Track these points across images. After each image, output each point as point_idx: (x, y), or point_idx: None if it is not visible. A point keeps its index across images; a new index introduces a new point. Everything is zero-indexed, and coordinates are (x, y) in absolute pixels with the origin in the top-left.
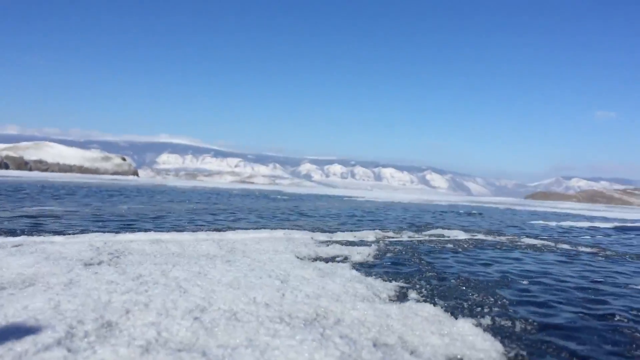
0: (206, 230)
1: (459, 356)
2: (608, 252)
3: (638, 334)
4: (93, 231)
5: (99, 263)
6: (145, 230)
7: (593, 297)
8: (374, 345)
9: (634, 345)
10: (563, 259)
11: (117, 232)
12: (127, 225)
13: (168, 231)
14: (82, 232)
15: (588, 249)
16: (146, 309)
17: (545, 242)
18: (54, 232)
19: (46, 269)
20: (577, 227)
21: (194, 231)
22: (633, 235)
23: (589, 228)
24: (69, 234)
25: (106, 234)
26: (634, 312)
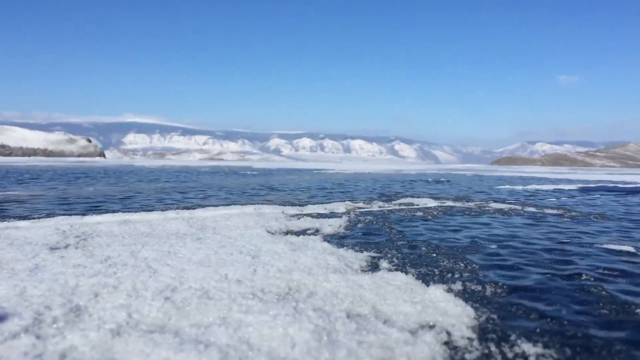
0: (175, 209)
1: (431, 323)
2: (573, 213)
3: (604, 292)
4: (59, 214)
5: (66, 246)
6: (113, 212)
7: (560, 257)
8: (348, 316)
9: (601, 304)
10: (530, 221)
11: (83, 215)
12: (94, 207)
13: (136, 211)
14: (48, 216)
15: (554, 211)
16: (115, 291)
17: (512, 206)
18: (18, 217)
19: (10, 254)
20: (542, 190)
21: (163, 210)
22: (597, 196)
23: (554, 190)
24: (34, 218)
25: (72, 216)
26: (600, 271)
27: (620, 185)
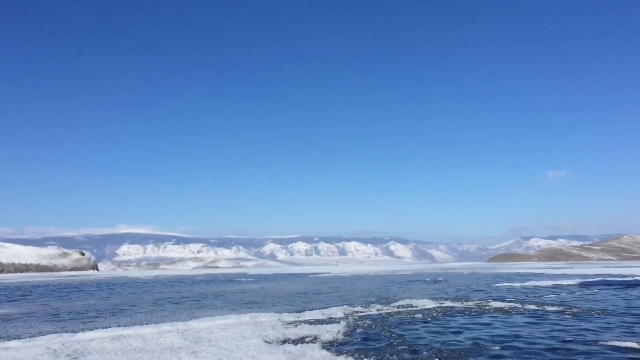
0: (170, 321)
1: None
2: (574, 310)
3: None
4: (50, 332)
5: None
6: (105, 327)
7: (565, 357)
8: None
9: None
10: (531, 320)
11: (75, 332)
12: (87, 323)
13: (130, 325)
14: (39, 334)
15: (554, 308)
16: None
17: (512, 304)
18: (8, 337)
19: None
20: (541, 287)
21: (157, 323)
22: (596, 290)
23: (553, 286)
24: (25, 337)
25: (64, 334)
26: None
27: (618, 279)
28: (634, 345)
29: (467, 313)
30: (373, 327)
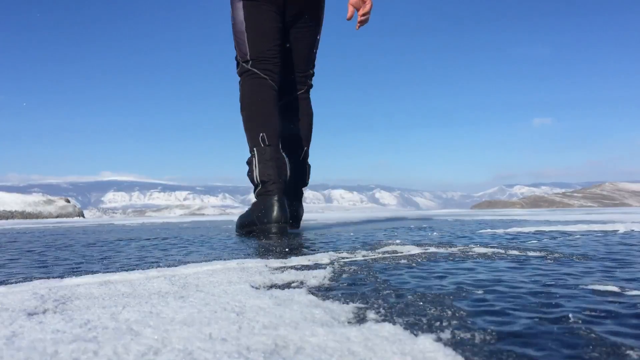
0: (157, 267)
1: None
2: (556, 255)
3: (593, 335)
4: (37, 278)
5: (44, 311)
6: (93, 273)
7: (546, 300)
8: None
9: (591, 347)
10: (514, 265)
11: (62, 277)
12: (73, 269)
13: (117, 271)
14: (25, 280)
15: (536, 253)
16: (96, 357)
17: (495, 250)
18: None
19: None
20: (524, 233)
21: (144, 269)
22: (578, 236)
23: (535, 232)
24: (11, 283)
25: (51, 280)
26: (587, 313)
27: (599, 225)
28: (614, 288)
29: (450, 259)
30: (358, 272)
